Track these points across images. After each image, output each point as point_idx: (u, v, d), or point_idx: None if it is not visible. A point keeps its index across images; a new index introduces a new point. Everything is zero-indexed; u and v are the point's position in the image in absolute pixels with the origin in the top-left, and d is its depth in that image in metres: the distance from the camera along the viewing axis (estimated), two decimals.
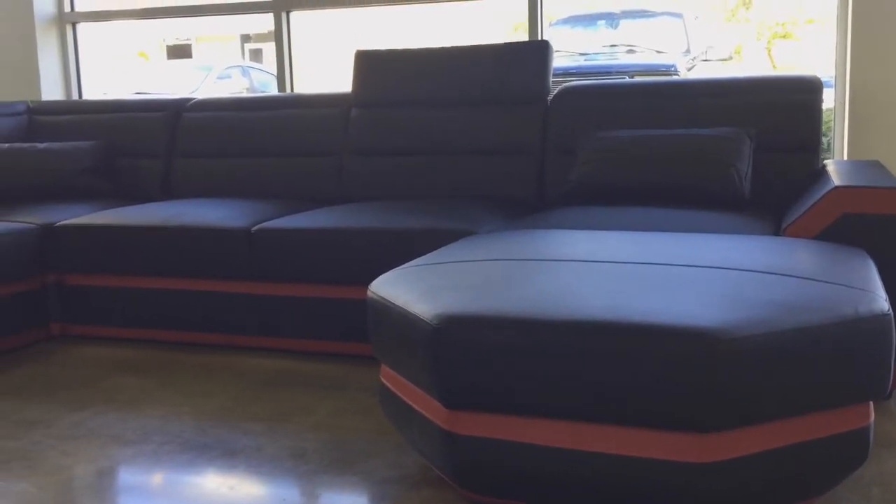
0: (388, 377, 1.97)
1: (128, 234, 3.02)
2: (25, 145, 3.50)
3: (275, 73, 4.29)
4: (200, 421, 2.33)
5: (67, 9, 4.42)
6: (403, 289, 1.90)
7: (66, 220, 3.14)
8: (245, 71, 10.12)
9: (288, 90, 4.16)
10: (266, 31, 15.45)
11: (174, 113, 3.74)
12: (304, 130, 3.54)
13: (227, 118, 3.66)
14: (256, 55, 16.21)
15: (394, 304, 1.85)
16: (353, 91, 3.51)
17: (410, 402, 1.85)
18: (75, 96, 4.49)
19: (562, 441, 1.62)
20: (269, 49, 15.81)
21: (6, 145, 3.46)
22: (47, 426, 2.31)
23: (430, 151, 3.34)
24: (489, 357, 1.64)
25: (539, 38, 3.80)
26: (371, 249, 2.71)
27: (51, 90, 4.36)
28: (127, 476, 2.03)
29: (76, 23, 4.45)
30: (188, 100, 3.81)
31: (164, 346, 3.04)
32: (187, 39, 15.90)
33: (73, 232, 3.08)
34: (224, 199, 3.39)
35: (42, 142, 3.66)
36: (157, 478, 2.01)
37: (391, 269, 2.32)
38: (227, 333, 2.97)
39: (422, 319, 1.71)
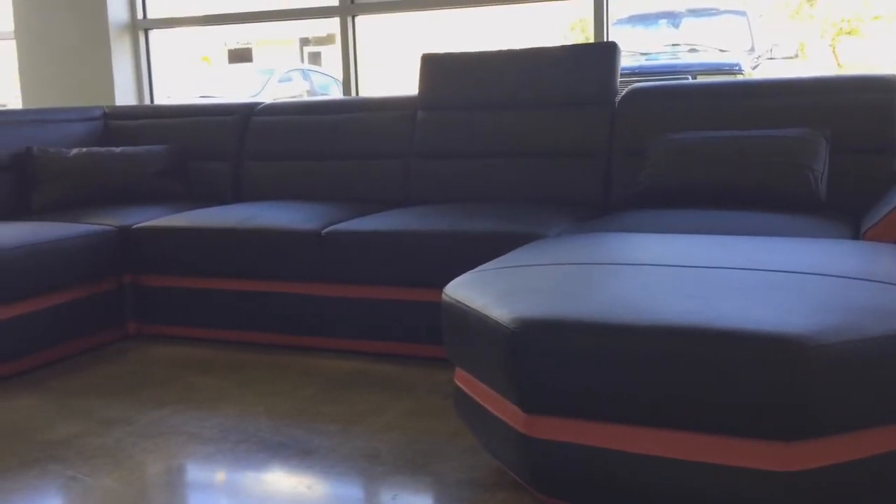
0: (463, 380, 1.98)
1: (201, 236, 3.09)
2: (102, 149, 3.60)
3: (334, 75, 4.36)
4: (275, 420, 2.38)
5: (140, 16, 4.54)
6: (479, 292, 1.91)
7: (141, 222, 3.22)
8: (305, 74, 10.25)
9: (353, 94, 4.21)
10: (325, 35, 15.64)
11: (244, 116, 3.81)
12: (370, 133, 3.58)
13: (294, 122, 3.72)
14: (315, 58, 16.41)
15: (470, 307, 1.86)
16: (419, 94, 3.54)
17: (486, 406, 1.86)
18: (147, 101, 4.61)
19: (642, 447, 1.61)
20: (327, 52, 16.00)
21: (84, 149, 3.57)
22: (128, 423, 2.38)
23: (497, 154, 3.35)
24: (568, 361, 1.64)
25: (605, 40, 3.78)
26: (441, 252, 2.73)
27: (124, 95, 4.48)
28: (207, 473, 2.08)
29: (148, 29, 4.57)
30: (257, 104, 3.88)
31: (237, 346, 3.11)
32: (248, 43, 16.18)
33: (148, 234, 3.17)
34: (293, 201, 3.45)
35: (117, 146, 3.77)
36: (235, 476, 2.06)
37: (460, 271, 2.34)
38: (299, 335, 3.02)
39: (500, 323, 1.72)
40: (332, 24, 4.21)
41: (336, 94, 9.63)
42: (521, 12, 4.31)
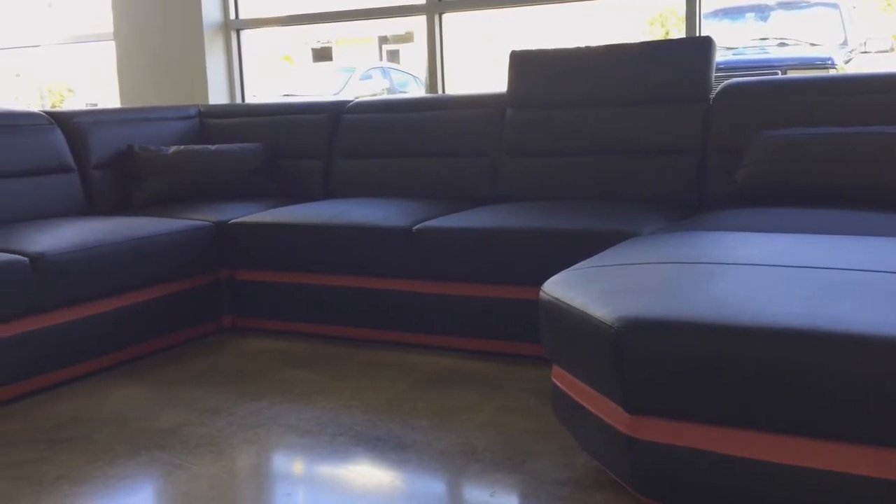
0: (561, 378, 1.97)
1: (294, 232, 3.15)
2: (198, 147, 3.70)
3: (413, 73, 4.38)
4: (370, 414, 2.41)
5: (232, 17, 4.65)
6: (578, 290, 1.89)
7: (237, 218, 3.30)
8: (385, 72, 10.35)
9: (439, 91, 4.23)
10: (403, 33, 15.74)
11: (334, 115, 3.86)
12: (458, 131, 3.59)
13: (384, 119, 3.76)
14: (393, 56, 16.53)
15: (571, 305, 1.85)
16: (508, 91, 3.53)
17: (586, 405, 1.84)
18: (238, 100, 4.73)
19: (752, 452, 1.58)
20: (405, 50, 16.11)
21: (182, 147, 3.68)
22: (229, 414, 2.45)
23: (587, 152, 3.32)
24: (675, 362, 1.61)
25: (698, 34, 3.71)
26: (533, 250, 2.72)
27: (217, 94, 4.60)
28: (306, 465, 2.12)
29: (240, 29, 4.68)
30: (347, 102, 3.94)
31: (330, 340, 3.16)
32: (328, 42, 16.41)
33: (243, 229, 3.24)
34: (382, 198, 3.49)
35: (212, 144, 3.87)
36: (334, 469, 2.09)
37: (552, 269, 2.34)
38: (391, 330, 3.05)
39: (603, 322, 1.70)
40: (411, 23, 4.23)
41: (415, 91, 9.69)
42: (598, 9, 4.26)
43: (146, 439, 2.27)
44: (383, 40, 16.56)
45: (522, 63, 3.51)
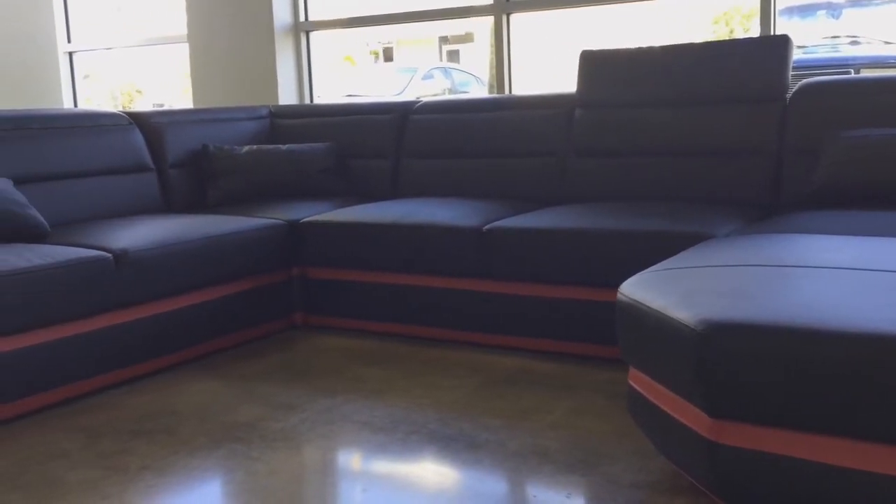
0: (639, 381, 1.96)
1: (365, 231, 3.18)
2: (270, 147, 3.77)
3: (474, 73, 4.37)
4: (442, 413, 2.42)
5: (302, 18, 4.73)
6: (657, 292, 1.88)
7: (308, 217, 3.35)
8: (447, 72, 10.38)
9: (506, 92, 4.23)
10: (463, 33, 15.76)
11: (402, 115, 3.90)
12: (526, 131, 3.59)
13: (451, 120, 3.77)
14: (453, 56, 16.56)
15: (650, 307, 1.83)
16: (577, 91, 3.51)
17: (665, 408, 1.83)
18: (307, 100, 4.80)
19: (840, 459, 1.54)
20: (465, 50, 16.13)
21: (254, 147, 3.75)
22: (303, 410, 2.49)
23: (658, 152, 3.28)
24: (759, 367, 1.59)
25: (773, 33, 3.64)
26: (606, 251, 2.71)
27: (286, 95, 4.68)
28: (381, 463, 2.14)
29: (309, 31, 4.75)
30: (415, 102, 3.96)
31: (400, 339, 3.19)
32: (389, 43, 16.52)
33: (315, 228, 3.29)
34: (451, 198, 3.50)
35: (283, 143, 3.94)
36: (408, 466, 2.11)
37: (625, 270, 2.32)
38: (460, 330, 3.06)
39: (685, 325, 1.68)
40: (471, 23, 4.25)
41: (476, 91, 9.69)
42: (661, 8, 4.21)
43: (225, 433, 2.32)
44: (444, 41, 16.60)
45: (592, 63, 3.49)
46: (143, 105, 10.07)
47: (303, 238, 3.31)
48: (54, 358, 2.51)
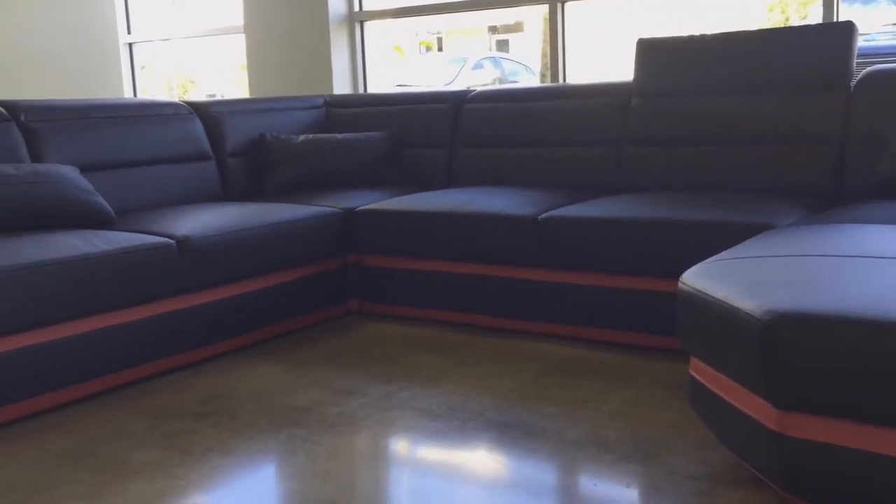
0: (701, 371, 1.94)
1: (420, 219, 3.20)
2: (326, 136, 3.81)
3: (524, 62, 4.35)
4: (498, 401, 2.43)
5: (356, 8, 4.75)
6: (721, 282, 1.86)
7: (364, 205, 3.38)
8: (497, 62, 10.35)
9: (560, 81, 4.20)
10: (513, 23, 15.69)
11: (456, 104, 3.90)
12: (581, 120, 3.57)
13: (506, 109, 3.77)
14: (502, 46, 16.50)
15: (713, 297, 1.81)
16: (634, 79, 3.48)
17: (729, 399, 1.81)
18: (361, 90, 4.83)
19: None
20: (514, 40, 16.06)
21: (311, 136, 3.79)
22: (361, 395, 2.52)
23: (717, 141, 3.24)
24: (827, 358, 1.56)
25: (836, 19, 3.56)
26: (665, 241, 2.68)
27: (341, 84, 4.72)
28: (440, 449, 2.16)
29: (364, 21, 4.77)
30: (469, 91, 3.97)
31: (454, 327, 3.20)
32: (438, 33, 16.52)
33: (370, 216, 3.32)
34: (504, 187, 3.50)
35: (337, 132, 3.97)
36: (467, 453, 2.13)
37: (684, 260, 2.30)
38: (516, 318, 3.06)
39: (750, 315, 1.66)
40: (521, 13, 4.22)
41: (526, 81, 9.65)
42: None
43: (285, 416, 2.36)
44: (493, 30, 16.55)
45: (650, 51, 3.45)
46: (196, 96, 10.24)
47: (358, 226, 3.34)
48: (121, 341, 2.58)
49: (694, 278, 1.94)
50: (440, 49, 16.20)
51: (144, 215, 3.04)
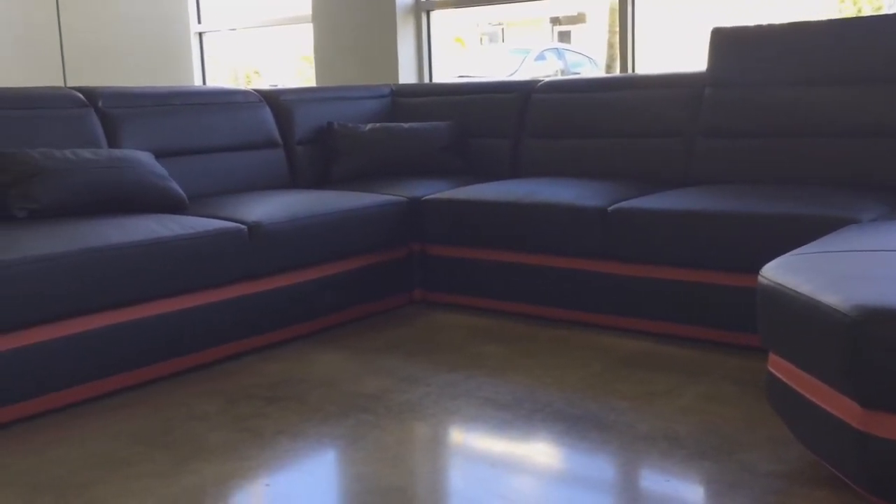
0: (780, 367, 1.89)
1: (486, 209, 3.19)
2: (392, 125, 3.82)
3: (587, 53, 4.28)
4: (566, 393, 2.41)
5: None
6: (804, 276, 1.80)
7: (429, 194, 3.38)
8: (560, 53, 10.25)
9: (629, 71, 4.14)
10: (575, 14, 15.53)
11: (524, 94, 3.87)
12: (651, 111, 3.51)
13: (575, 99, 3.72)
14: (564, 37, 16.35)
15: (796, 292, 1.76)
16: (708, 69, 3.40)
17: (810, 397, 1.76)
18: (426, 79, 4.83)
19: None
20: (577, 31, 15.90)
21: (378, 125, 3.80)
22: (426, 384, 2.52)
23: (791, 133, 3.15)
24: None
25: None
26: (739, 234, 2.62)
27: (406, 74, 4.72)
28: (509, 439, 2.14)
29: (430, 10, 4.77)
30: (537, 81, 3.93)
31: (518, 317, 3.18)
32: (499, 24, 16.45)
33: (436, 205, 3.32)
34: (571, 178, 3.47)
35: (403, 122, 3.97)
36: (536, 445, 2.11)
37: (759, 255, 2.25)
38: (581, 310, 3.03)
39: (836, 311, 1.61)
40: (584, 4, 4.16)
41: (588, 72, 9.54)
42: None
43: (352, 402, 2.38)
44: (555, 21, 16.41)
45: (725, 40, 3.37)
46: (259, 86, 10.37)
47: (424, 215, 3.34)
48: (193, 324, 2.62)
49: (775, 272, 1.89)
50: (498, 41, 16.10)
51: (216, 201, 3.09)
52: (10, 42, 4.54)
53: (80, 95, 3.10)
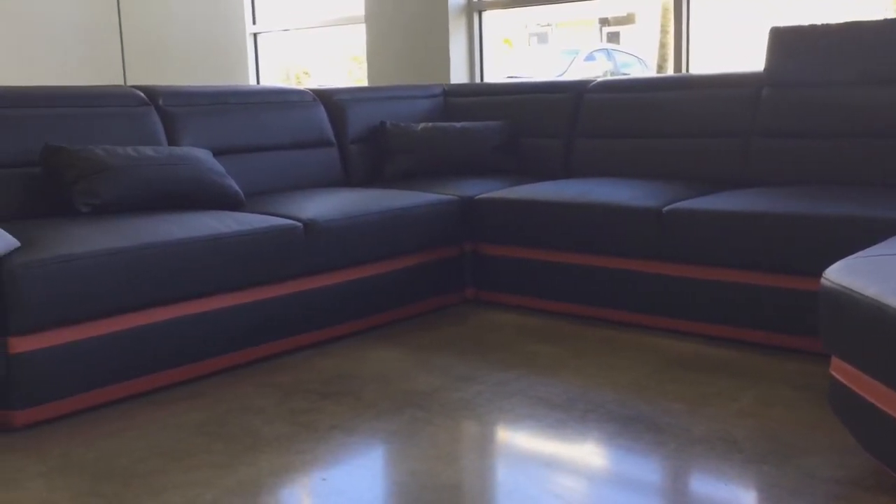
0: (843, 372, 1.86)
1: (539, 209, 3.18)
2: (445, 124, 3.83)
3: (637, 54, 4.25)
4: (619, 393, 2.39)
5: None
6: (870, 279, 1.77)
7: (482, 193, 3.38)
8: (609, 54, 10.20)
9: (683, 71, 4.10)
10: (625, 15, 15.41)
11: (577, 94, 3.85)
12: (706, 111, 3.47)
13: (628, 99, 3.70)
14: (612, 38, 16.23)
15: (862, 294, 1.73)
16: (766, 69, 3.35)
17: (875, 402, 1.72)
18: (477, 79, 4.83)
19: None
20: (626, 32, 15.77)
21: (430, 124, 3.82)
22: (480, 382, 2.52)
23: (852, 134, 3.09)
24: None
25: None
26: (798, 236, 2.58)
27: (458, 74, 4.73)
28: (564, 439, 2.14)
29: (482, 11, 4.77)
30: (590, 81, 3.91)
31: (570, 317, 3.17)
32: (547, 25, 16.39)
33: (489, 205, 3.32)
34: (624, 178, 3.44)
35: (455, 121, 3.98)
36: (590, 445, 2.10)
37: (819, 257, 2.21)
38: (634, 311, 3.01)
39: None
40: (633, 4, 4.11)
41: (638, 73, 9.46)
42: None
43: (406, 399, 2.39)
44: (604, 22, 16.30)
45: (784, 40, 3.32)
46: (310, 86, 10.47)
47: (476, 214, 3.35)
48: (249, 319, 2.66)
49: (839, 275, 1.86)
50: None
51: (271, 198, 3.13)
52: (73, 43, 4.67)
53: (142, 94, 3.17)
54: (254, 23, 5.77)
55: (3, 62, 4.37)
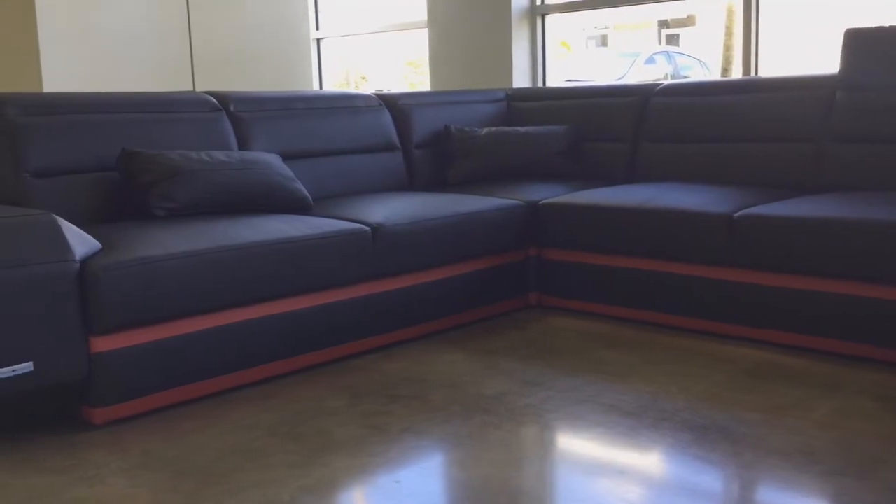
0: None
1: (605, 214, 3.15)
2: (508, 129, 3.83)
3: (698, 56, 4.18)
4: (691, 402, 2.36)
5: (538, 1, 4.74)
6: None
7: (547, 198, 3.37)
8: (669, 56, 10.07)
9: (752, 74, 4.03)
10: (685, 17, 15.20)
11: (642, 98, 3.81)
12: (778, 115, 3.40)
13: (696, 103, 3.65)
14: (672, 40, 16.04)
15: None
16: (840, 72, 3.28)
17: None
18: (539, 83, 4.82)
19: None
20: (685, 34, 15.56)
21: (493, 129, 3.82)
22: (548, 388, 2.51)
23: None
24: None
25: None
26: (874, 243, 2.52)
27: (520, 78, 4.73)
28: (637, 447, 2.12)
29: (545, 14, 4.76)
30: (656, 85, 3.87)
31: (636, 324, 3.14)
32: (605, 28, 16.27)
33: (554, 209, 3.30)
34: (692, 183, 3.40)
35: (519, 126, 3.98)
36: (665, 453, 2.08)
37: (890, 265, 2.14)
38: (703, 319, 2.97)
39: None
40: (693, 6, 4.06)
41: (699, 75, 9.32)
42: None
43: (475, 403, 2.39)
44: (663, 24, 16.11)
45: (860, 42, 3.24)
46: (368, 91, 10.56)
47: (541, 219, 3.34)
48: (318, 321, 2.69)
49: None
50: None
51: (338, 202, 3.17)
52: (144, 50, 4.79)
53: (214, 100, 3.23)
54: (317, 28, 5.85)
55: (79, 69, 4.52)
